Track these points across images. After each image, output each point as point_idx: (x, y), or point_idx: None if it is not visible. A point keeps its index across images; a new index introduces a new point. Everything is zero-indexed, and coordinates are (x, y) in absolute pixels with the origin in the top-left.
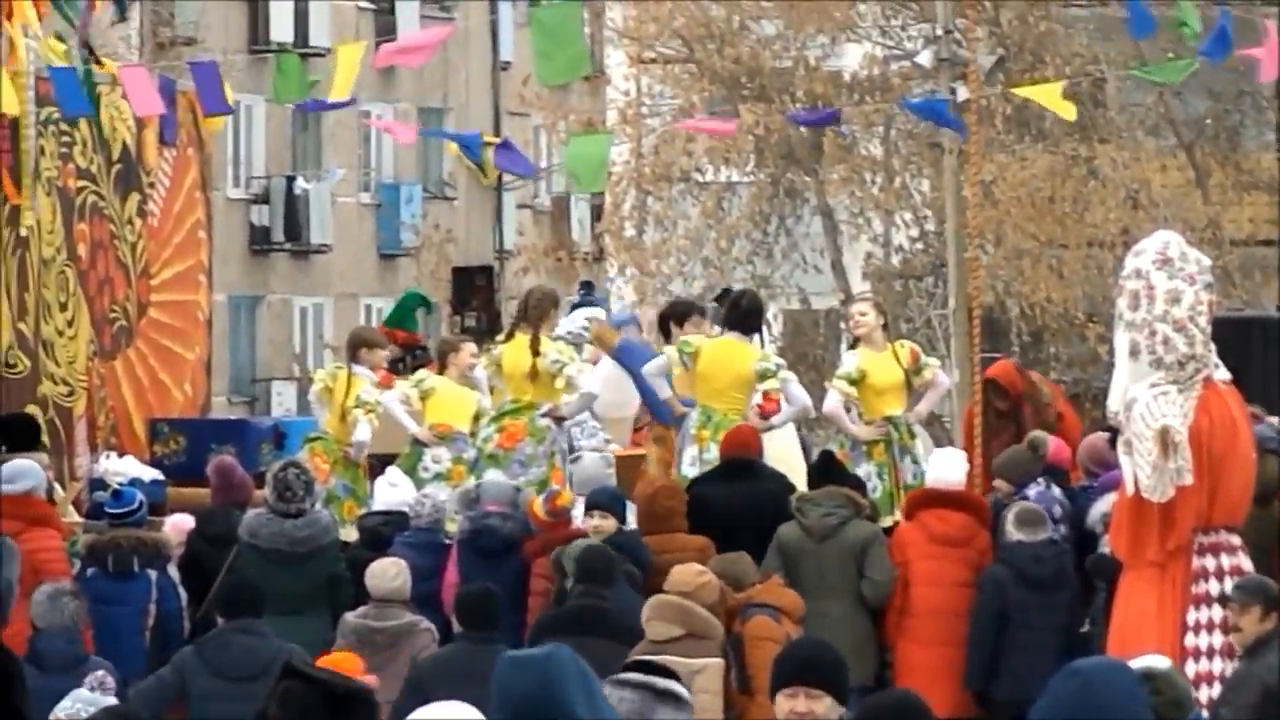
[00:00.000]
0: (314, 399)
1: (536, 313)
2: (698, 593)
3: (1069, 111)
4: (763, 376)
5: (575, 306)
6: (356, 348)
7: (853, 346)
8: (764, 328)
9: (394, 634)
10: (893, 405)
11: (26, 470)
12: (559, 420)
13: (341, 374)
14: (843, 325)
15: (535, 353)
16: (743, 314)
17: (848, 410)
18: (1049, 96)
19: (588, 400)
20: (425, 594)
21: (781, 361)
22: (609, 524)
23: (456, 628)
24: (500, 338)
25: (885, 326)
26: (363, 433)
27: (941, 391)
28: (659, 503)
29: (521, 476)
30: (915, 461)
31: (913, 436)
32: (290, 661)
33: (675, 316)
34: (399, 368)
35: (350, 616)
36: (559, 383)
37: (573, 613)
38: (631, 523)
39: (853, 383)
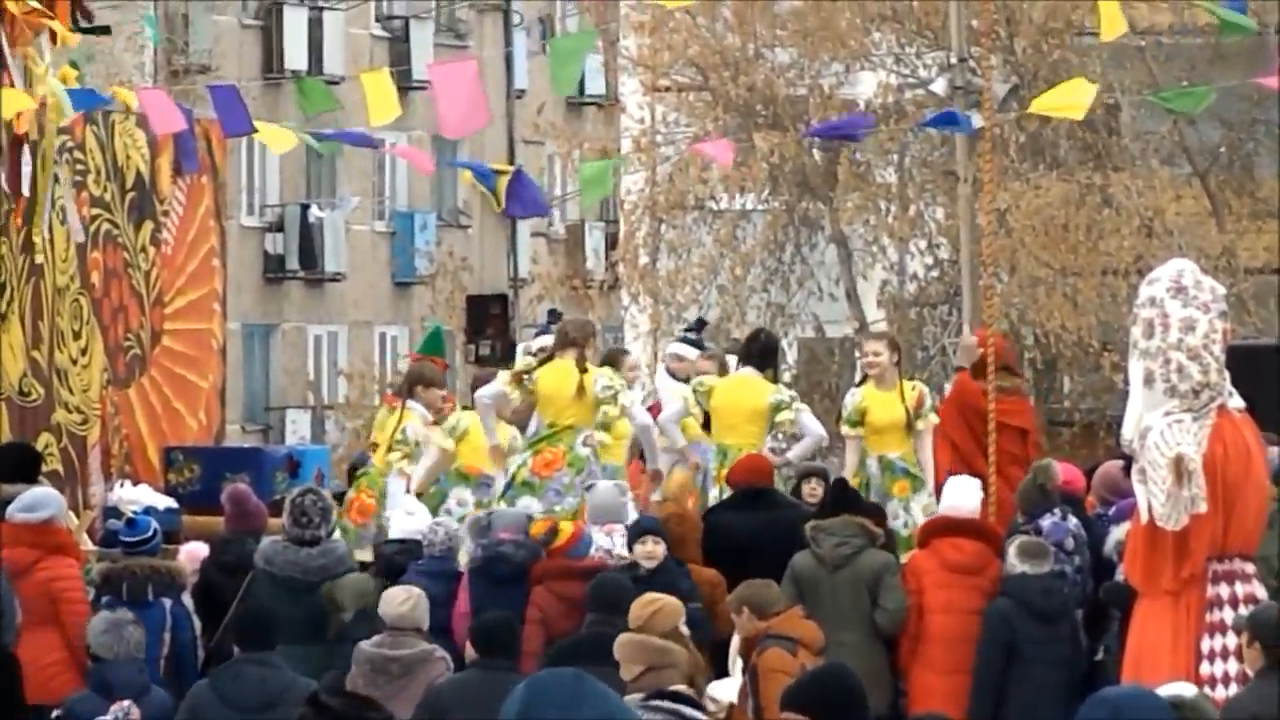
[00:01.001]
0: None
1: (580, 335)
2: (649, 624)
3: (1082, 104)
4: (777, 409)
5: (539, 333)
6: (414, 384)
7: (862, 382)
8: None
9: (409, 662)
10: (891, 446)
11: (46, 499)
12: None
13: (395, 413)
14: (857, 354)
15: (583, 370)
16: (760, 350)
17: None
18: (1066, 102)
19: (650, 435)
20: (439, 622)
21: (794, 394)
22: (659, 549)
23: (470, 654)
24: (532, 363)
25: (899, 363)
26: (393, 485)
27: (810, 444)
28: (669, 530)
29: (557, 505)
30: (907, 510)
31: (907, 478)
32: (315, 692)
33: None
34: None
35: (365, 645)
36: (613, 410)
37: (585, 641)
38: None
39: (854, 424)
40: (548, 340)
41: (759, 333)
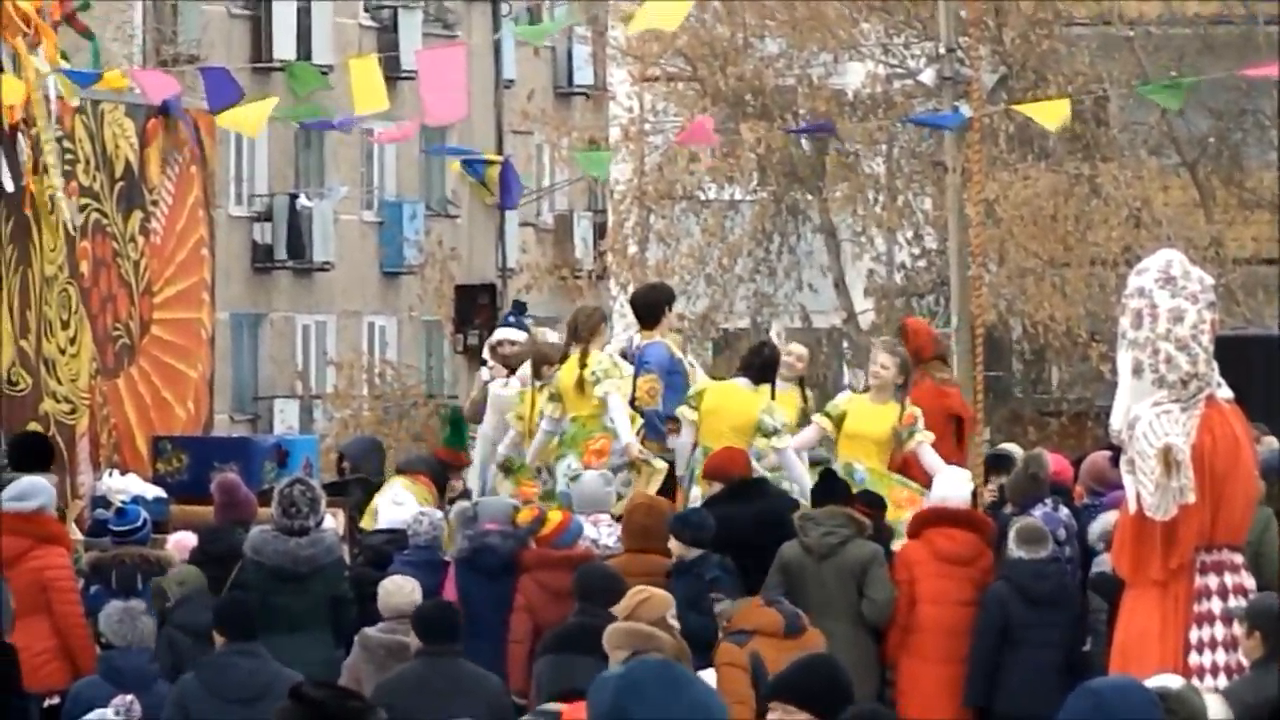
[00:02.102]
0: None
1: (587, 329)
2: (637, 614)
3: (1064, 114)
4: (762, 432)
5: (501, 326)
6: (539, 365)
7: (866, 389)
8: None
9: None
10: (863, 456)
11: (36, 488)
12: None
13: (528, 394)
14: (845, 344)
15: (583, 365)
16: (762, 364)
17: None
18: (1046, 113)
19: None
20: None
21: (786, 422)
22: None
23: (415, 643)
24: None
25: (904, 386)
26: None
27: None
28: (634, 520)
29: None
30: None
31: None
32: (298, 685)
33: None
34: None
35: (372, 632)
36: (593, 399)
37: (569, 631)
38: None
39: (828, 417)
40: (511, 334)
41: (763, 346)
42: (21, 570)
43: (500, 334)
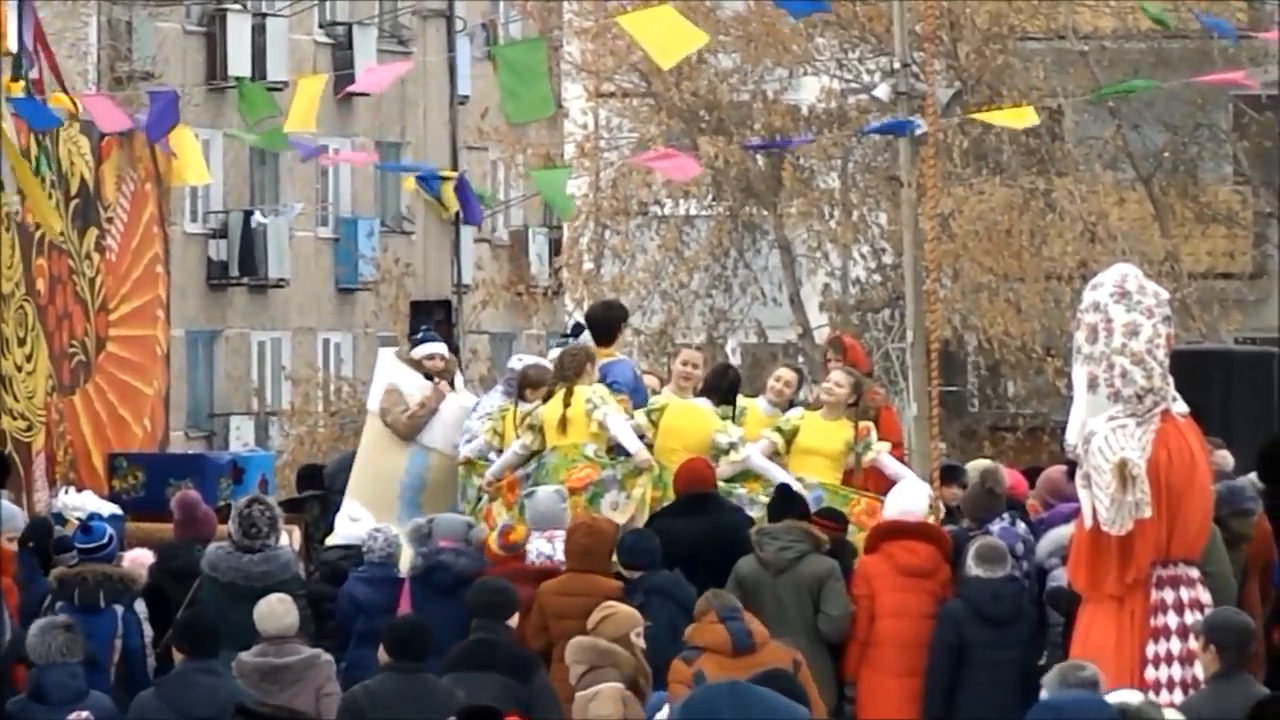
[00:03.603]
0: (482, 449)
1: (574, 368)
2: (601, 628)
3: (1030, 119)
4: (717, 450)
5: (416, 342)
6: (524, 387)
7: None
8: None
9: (298, 670)
10: (816, 472)
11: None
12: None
13: (509, 413)
14: (800, 359)
15: (566, 404)
16: (729, 386)
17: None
18: (1007, 117)
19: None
20: (380, 629)
21: (741, 437)
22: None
23: (383, 658)
24: (535, 403)
25: (856, 404)
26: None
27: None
28: (574, 539)
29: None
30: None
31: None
32: (242, 701)
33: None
34: None
35: (247, 657)
36: (592, 426)
37: (468, 648)
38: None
39: (779, 432)
40: (440, 348)
41: (727, 369)
42: None
43: (429, 349)
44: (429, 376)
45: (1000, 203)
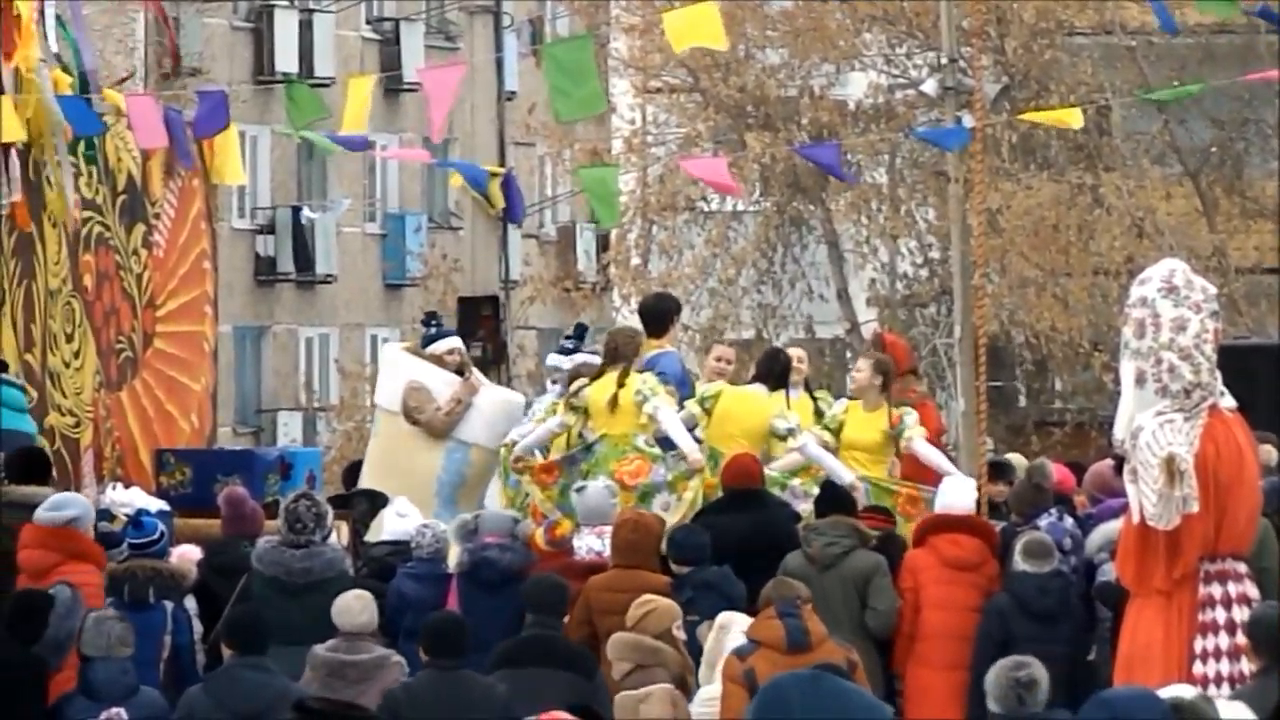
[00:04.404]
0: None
1: (630, 349)
2: (643, 624)
3: (1076, 120)
4: (776, 435)
5: (427, 339)
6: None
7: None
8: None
9: (366, 668)
10: (865, 466)
11: (70, 501)
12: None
13: (560, 406)
14: (848, 355)
15: (620, 385)
16: (780, 370)
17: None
18: (1055, 117)
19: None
20: None
21: (799, 423)
22: None
23: (423, 656)
24: (582, 381)
25: (885, 387)
26: None
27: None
28: (620, 536)
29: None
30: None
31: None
32: (301, 698)
33: None
34: None
35: (320, 649)
36: (642, 418)
37: (523, 644)
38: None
39: (826, 429)
40: (457, 343)
41: (778, 353)
42: (49, 584)
43: (450, 343)
44: (458, 371)
45: (1048, 198)
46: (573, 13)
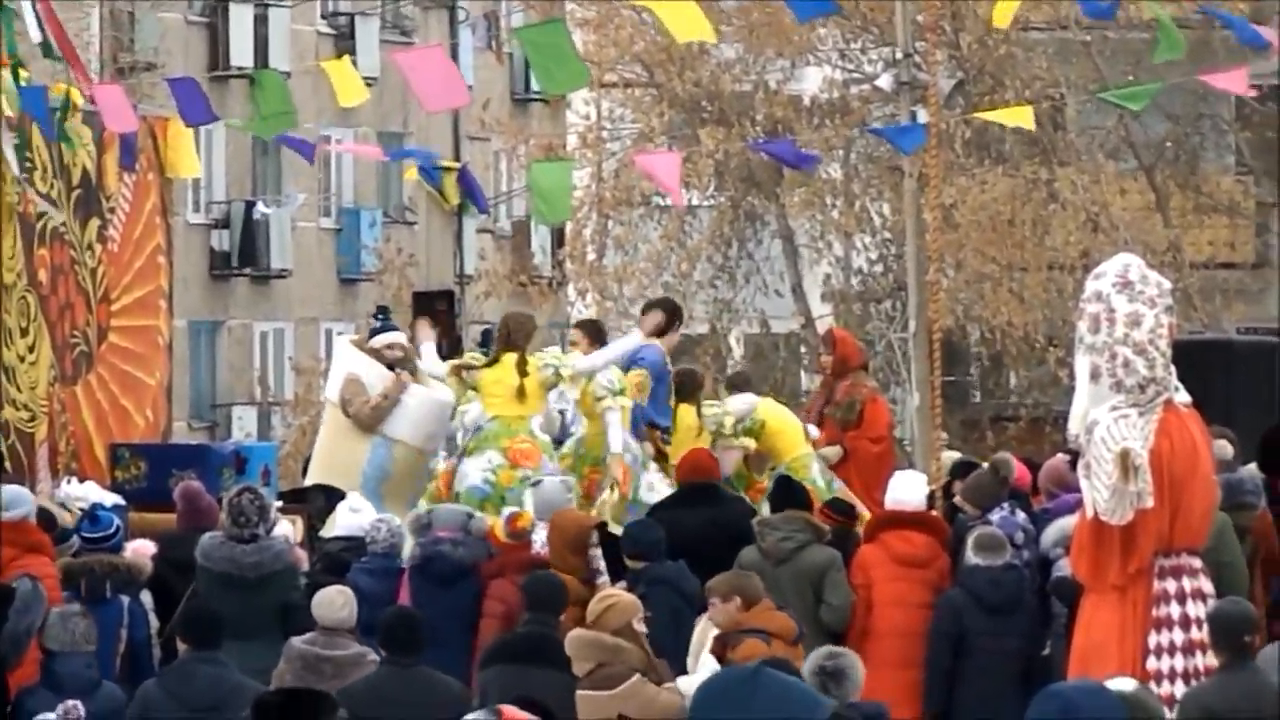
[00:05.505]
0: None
1: (521, 335)
2: (602, 620)
3: (1027, 120)
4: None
5: (375, 331)
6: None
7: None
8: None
9: (341, 664)
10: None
11: (19, 497)
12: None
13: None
14: (803, 349)
15: (523, 374)
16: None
17: None
18: (1007, 115)
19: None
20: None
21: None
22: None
23: (380, 652)
24: (478, 362)
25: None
26: None
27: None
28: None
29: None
30: None
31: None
32: (259, 696)
33: None
34: None
35: (297, 642)
36: (562, 381)
37: (519, 640)
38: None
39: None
40: (399, 337)
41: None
42: (6, 578)
43: (389, 337)
44: (390, 366)
45: (1003, 192)
46: (528, 7)
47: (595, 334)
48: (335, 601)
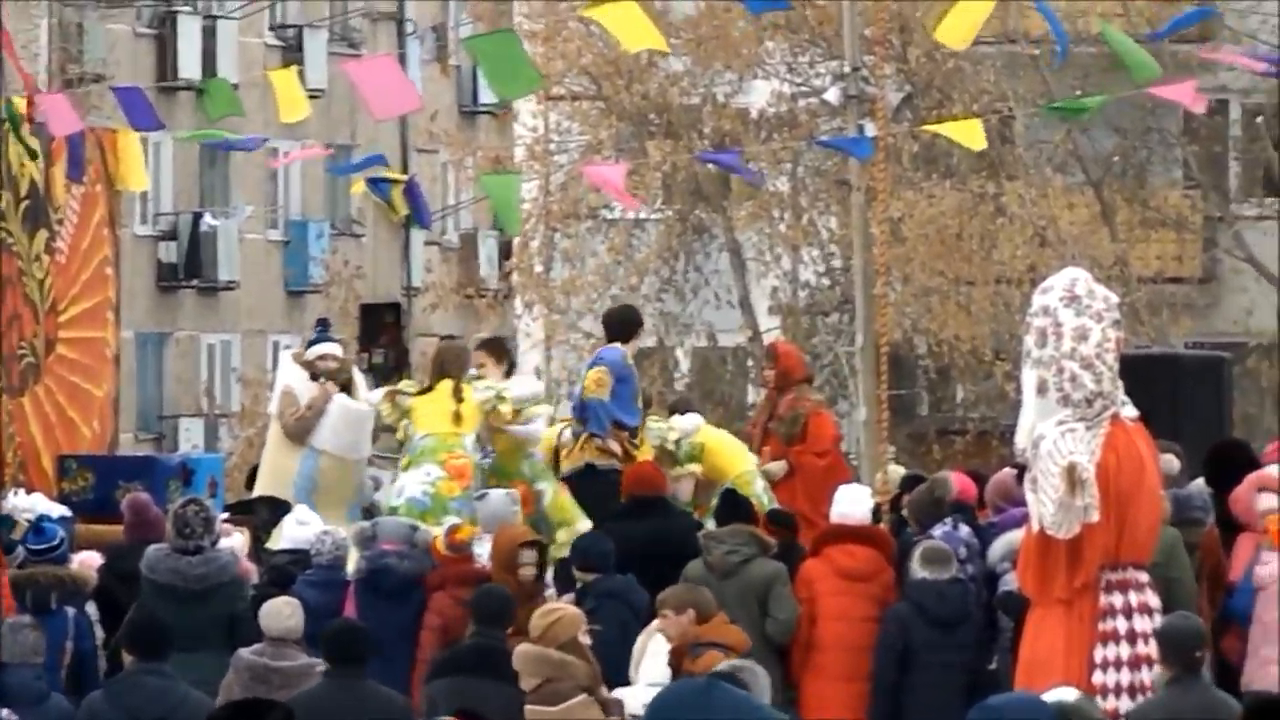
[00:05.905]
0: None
1: (455, 367)
2: (548, 635)
3: (978, 140)
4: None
5: (312, 342)
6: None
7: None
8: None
9: (289, 675)
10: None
11: None
12: None
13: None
14: (749, 363)
15: (459, 399)
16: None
17: None
18: (959, 131)
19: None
20: None
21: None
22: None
23: (325, 664)
24: (410, 389)
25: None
26: None
27: None
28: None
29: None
30: None
31: None
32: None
33: None
34: None
35: (245, 653)
36: (504, 408)
37: (467, 653)
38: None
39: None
40: (333, 348)
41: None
42: None
43: (321, 349)
44: (315, 377)
45: (950, 206)
46: (476, 18)
47: (499, 353)
48: (282, 611)
